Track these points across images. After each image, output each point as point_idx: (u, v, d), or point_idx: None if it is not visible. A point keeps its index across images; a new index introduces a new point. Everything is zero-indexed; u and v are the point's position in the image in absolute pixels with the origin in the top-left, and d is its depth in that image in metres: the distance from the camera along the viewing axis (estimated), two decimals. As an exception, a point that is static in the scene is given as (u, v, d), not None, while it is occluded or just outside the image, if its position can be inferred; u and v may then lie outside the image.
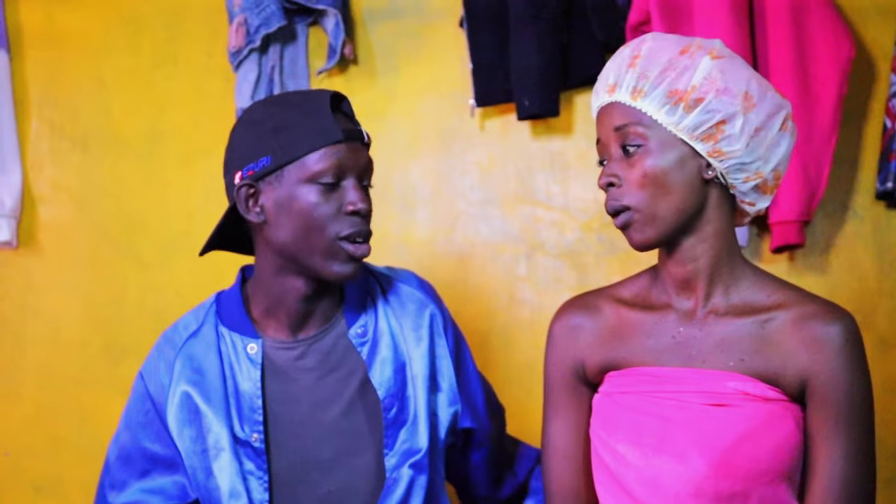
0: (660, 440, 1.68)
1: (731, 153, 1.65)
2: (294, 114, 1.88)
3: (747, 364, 1.67)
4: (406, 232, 3.08)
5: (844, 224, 2.79)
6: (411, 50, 3.11)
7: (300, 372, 1.95)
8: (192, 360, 1.95)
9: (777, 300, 1.71)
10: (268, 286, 1.95)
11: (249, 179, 1.86)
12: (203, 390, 1.93)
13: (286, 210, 1.85)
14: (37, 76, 3.41)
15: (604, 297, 1.87)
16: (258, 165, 1.85)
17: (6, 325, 3.38)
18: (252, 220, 1.88)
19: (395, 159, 3.10)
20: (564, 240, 2.96)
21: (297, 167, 1.84)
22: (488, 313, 3.01)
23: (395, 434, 1.94)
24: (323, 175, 1.83)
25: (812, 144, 2.61)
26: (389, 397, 1.94)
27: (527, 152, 3.01)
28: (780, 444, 1.64)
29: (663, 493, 1.66)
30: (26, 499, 3.31)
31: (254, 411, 1.92)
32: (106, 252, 3.31)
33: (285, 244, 1.87)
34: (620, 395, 1.77)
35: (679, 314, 1.76)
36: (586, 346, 1.84)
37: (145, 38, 3.32)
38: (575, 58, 2.88)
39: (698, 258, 1.72)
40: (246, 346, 1.95)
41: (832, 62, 2.64)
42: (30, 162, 3.38)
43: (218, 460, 1.90)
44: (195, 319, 2.01)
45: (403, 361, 1.98)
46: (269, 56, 3.11)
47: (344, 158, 1.85)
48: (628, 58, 1.70)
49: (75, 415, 3.29)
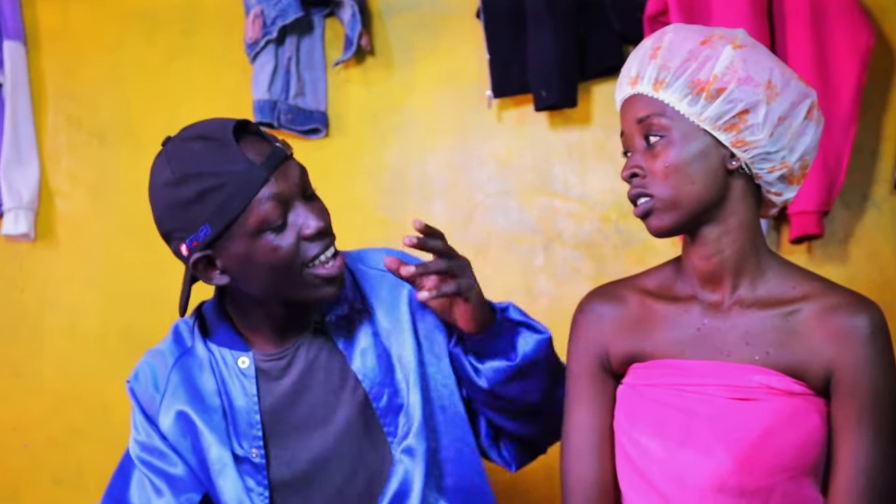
0: (684, 434, 1.67)
1: (754, 143, 1.64)
2: (209, 169, 1.73)
3: (772, 357, 1.66)
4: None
5: (864, 214, 2.77)
6: (428, 41, 3.10)
7: (290, 379, 1.92)
8: (189, 379, 1.92)
9: (802, 292, 1.69)
10: (248, 310, 1.91)
11: (198, 250, 1.76)
12: (202, 410, 1.90)
13: (247, 265, 1.76)
14: (54, 69, 3.42)
15: (628, 287, 1.85)
16: (199, 236, 1.74)
17: (25, 317, 3.39)
18: (219, 284, 1.81)
19: (412, 151, 3.10)
20: (582, 231, 2.95)
21: (239, 225, 1.72)
22: (506, 305, 3.00)
23: (395, 421, 1.91)
24: (268, 221, 1.73)
25: (831, 135, 2.60)
26: (376, 386, 1.91)
27: (544, 143, 3.00)
28: (806, 439, 1.62)
29: (687, 486, 1.65)
30: (46, 490, 3.33)
31: (251, 426, 1.89)
32: (123, 244, 3.32)
33: (260, 291, 1.82)
34: (645, 387, 1.75)
35: (704, 306, 1.74)
36: (611, 335, 1.82)
37: (161, 30, 3.32)
38: (592, 48, 2.87)
39: (723, 250, 1.70)
40: (237, 361, 1.91)
41: (851, 52, 2.62)
42: (47, 155, 3.39)
43: (222, 476, 1.88)
44: (187, 336, 1.97)
45: (386, 347, 1.94)
46: (286, 47, 3.11)
47: (279, 191, 1.74)
48: (650, 49, 1.69)
49: (94, 406, 3.30)
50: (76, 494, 3.27)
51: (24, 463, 3.37)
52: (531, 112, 2.96)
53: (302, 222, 1.76)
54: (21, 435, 3.38)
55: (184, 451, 1.90)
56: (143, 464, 1.92)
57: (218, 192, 1.71)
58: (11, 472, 3.40)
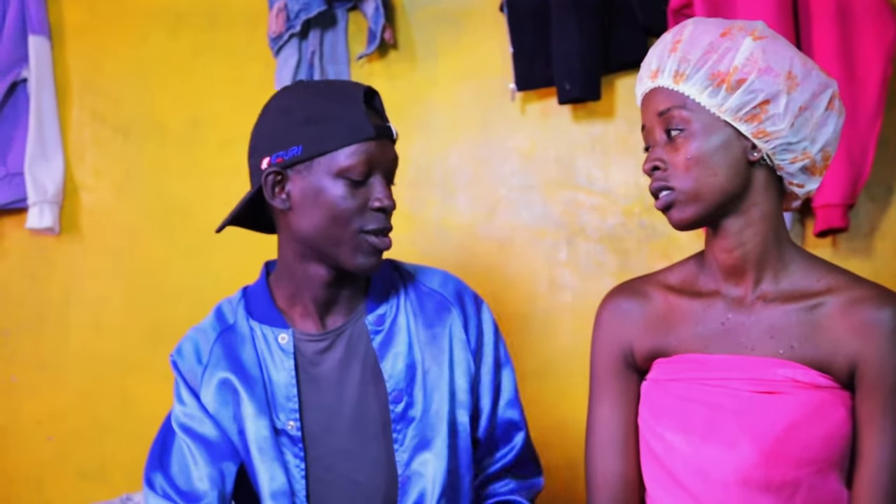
0: (708, 428, 1.67)
1: (776, 133, 1.63)
2: (327, 105, 1.88)
3: (797, 351, 1.66)
4: (446, 217, 3.07)
5: (889, 207, 2.75)
6: (451, 35, 3.10)
7: (327, 362, 1.97)
8: (231, 351, 1.97)
9: (826, 285, 1.69)
10: (291, 270, 1.96)
11: (277, 167, 1.86)
12: (244, 379, 1.94)
13: (312, 200, 1.86)
14: (78, 64, 3.44)
15: (651, 283, 1.86)
16: (288, 154, 1.86)
17: (50, 311, 3.41)
18: (277, 206, 1.89)
19: (436, 144, 3.10)
20: (605, 224, 2.94)
21: (327, 160, 1.84)
22: (529, 298, 3.00)
23: (405, 430, 1.94)
24: (352, 171, 1.84)
25: (856, 127, 2.58)
26: (397, 391, 1.95)
27: (568, 137, 3.00)
28: (832, 432, 1.62)
29: (711, 481, 1.65)
30: (70, 483, 3.35)
31: (289, 399, 1.93)
32: (147, 238, 3.34)
33: (308, 233, 1.88)
34: (668, 381, 1.75)
35: (727, 301, 1.74)
36: (634, 331, 1.82)
37: (185, 25, 3.33)
38: (616, 42, 2.86)
39: (745, 243, 1.70)
40: (277, 337, 1.96)
41: (876, 45, 2.61)
42: (71, 149, 3.41)
43: (260, 446, 1.91)
44: (230, 314, 2.03)
45: (414, 359, 1.98)
46: (310, 41, 3.11)
47: (374, 155, 1.86)
48: (670, 43, 1.70)
49: (118, 400, 3.32)
50: (101, 487, 3.29)
51: (49, 456, 3.39)
52: (555, 105, 2.95)
53: (376, 193, 1.87)
54: (45, 428, 3.40)
55: (224, 419, 1.94)
56: (184, 431, 1.95)
57: (325, 123, 1.85)
58: (36, 464, 3.42)
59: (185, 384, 1.97)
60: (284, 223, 1.92)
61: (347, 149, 1.84)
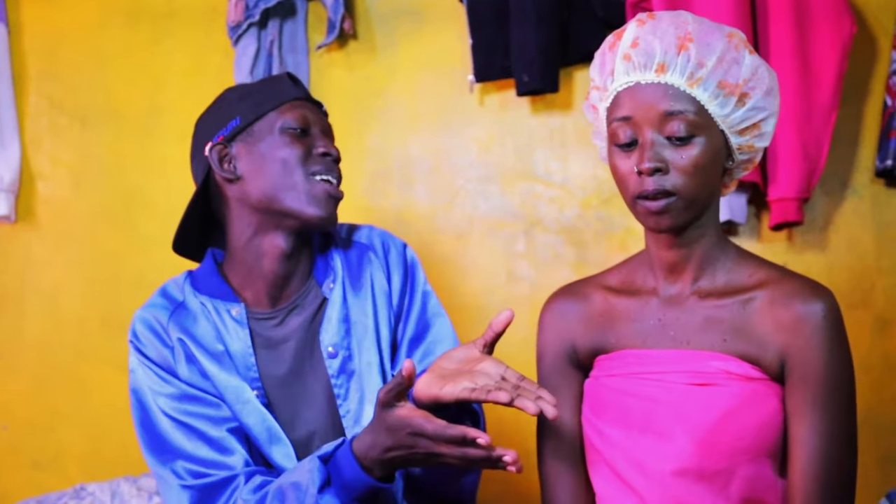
0: (646, 421, 1.68)
1: (758, 149, 1.70)
2: (255, 85, 2.07)
3: (730, 344, 1.67)
4: (405, 207, 3.07)
5: (844, 202, 2.78)
6: (411, 25, 3.10)
7: (279, 334, 2.00)
8: (186, 330, 1.98)
9: (757, 279, 1.71)
10: (245, 252, 2.00)
11: (221, 143, 1.98)
12: (209, 355, 1.95)
13: (260, 161, 1.96)
14: (35, 51, 3.40)
15: (591, 285, 1.87)
16: (227, 129, 1.99)
17: (5, 300, 3.38)
18: (227, 176, 1.97)
19: (394, 135, 3.10)
20: (563, 216, 2.95)
21: (266, 122, 1.98)
22: (486, 289, 3.01)
23: (346, 384, 1.98)
24: (291, 123, 1.97)
25: (812, 122, 2.60)
26: (333, 345, 1.98)
27: (526, 128, 3.01)
28: (764, 422, 1.63)
29: (648, 472, 1.67)
30: (25, 472, 3.32)
31: (248, 369, 1.96)
32: (104, 227, 3.31)
33: (263, 193, 1.95)
34: (608, 377, 1.77)
35: (665, 297, 1.75)
36: (576, 329, 1.84)
37: (144, 13, 3.31)
38: (575, 34, 2.88)
39: (695, 242, 1.70)
40: (230, 311, 1.99)
41: (833, 39, 2.63)
42: (28, 137, 3.38)
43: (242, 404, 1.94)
44: (177, 292, 2.04)
45: (348, 314, 2.02)
46: (268, 30, 3.10)
47: (307, 113, 2.01)
48: (675, 38, 1.63)
49: (74, 389, 3.30)
50: (55, 476, 3.26)
51: (3, 445, 3.36)
52: (513, 97, 2.96)
53: (318, 142, 2.00)
54: (0, 417, 3.38)
55: (208, 388, 1.96)
56: (179, 413, 1.94)
57: (256, 94, 2.01)
58: (-9, 454, 3.40)
59: (159, 368, 1.96)
60: (237, 197, 1.98)
61: (282, 106, 1.99)
